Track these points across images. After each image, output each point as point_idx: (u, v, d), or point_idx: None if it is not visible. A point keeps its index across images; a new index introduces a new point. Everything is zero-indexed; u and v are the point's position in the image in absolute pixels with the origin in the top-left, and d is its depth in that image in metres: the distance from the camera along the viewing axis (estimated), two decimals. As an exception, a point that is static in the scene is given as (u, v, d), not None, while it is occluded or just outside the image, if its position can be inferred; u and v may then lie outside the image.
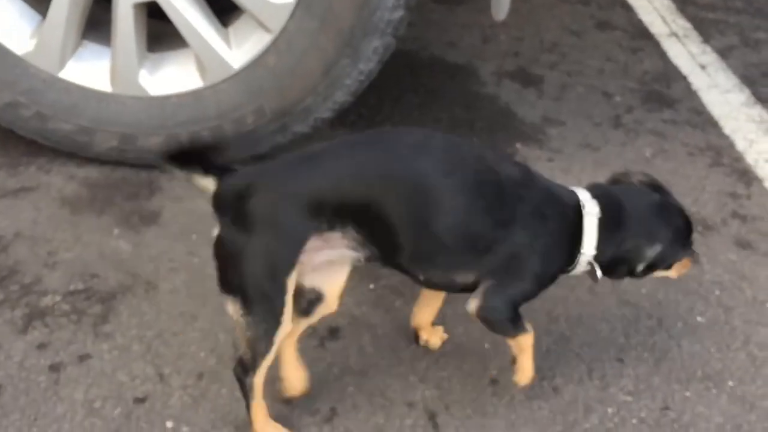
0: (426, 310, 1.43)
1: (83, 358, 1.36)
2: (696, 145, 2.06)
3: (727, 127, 2.13)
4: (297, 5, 1.64)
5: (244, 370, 1.19)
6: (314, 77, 1.71)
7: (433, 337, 1.45)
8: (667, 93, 2.28)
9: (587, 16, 2.71)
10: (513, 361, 1.31)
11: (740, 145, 2.06)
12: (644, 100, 2.24)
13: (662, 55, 2.47)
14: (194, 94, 1.75)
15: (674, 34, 2.58)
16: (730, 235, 1.74)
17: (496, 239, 1.19)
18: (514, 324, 1.26)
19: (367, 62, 1.71)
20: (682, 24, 2.65)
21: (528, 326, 1.27)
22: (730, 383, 1.41)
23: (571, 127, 2.14)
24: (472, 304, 1.24)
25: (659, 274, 1.35)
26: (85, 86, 1.75)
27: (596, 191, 1.29)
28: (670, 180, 1.91)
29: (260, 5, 1.65)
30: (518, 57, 2.46)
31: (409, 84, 2.28)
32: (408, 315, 1.51)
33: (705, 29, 2.61)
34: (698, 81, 2.33)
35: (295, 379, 1.29)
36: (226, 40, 1.72)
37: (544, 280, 1.26)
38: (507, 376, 1.41)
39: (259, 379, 1.19)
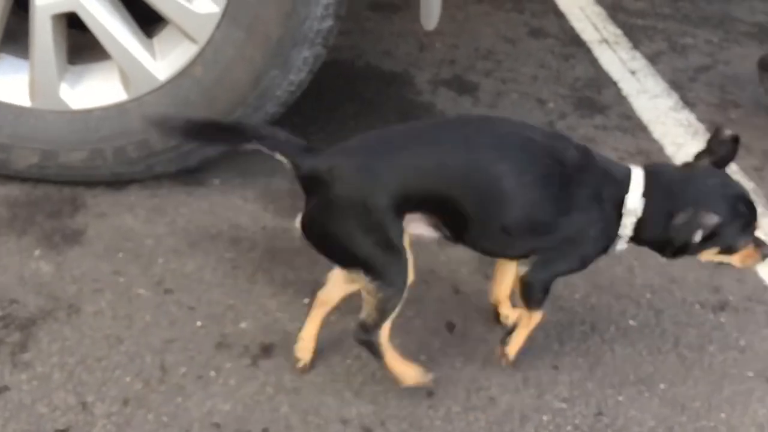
0: (503, 284, 1.48)
1: (0, 391, 1.29)
2: (626, 150, 2.09)
3: (657, 131, 2.17)
4: (223, 16, 1.60)
5: (366, 331, 1.29)
6: (243, 88, 1.68)
7: (513, 314, 1.48)
8: (598, 99, 2.32)
9: (521, 24, 2.74)
10: (510, 330, 1.42)
11: (669, 149, 2.10)
12: (576, 106, 2.27)
13: (593, 62, 2.51)
14: (118, 108, 1.69)
15: (605, 41, 2.63)
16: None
17: (557, 225, 1.26)
18: (543, 298, 1.36)
19: (298, 72, 1.68)
20: (612, 31, 2.70)
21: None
22: (662, 386, 1.43)
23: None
24: (521, 270, 1.33)
25: (722, 258, 1.34)
26: (1, 101, 1.68)
27: (651, 169, 1.32)
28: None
29: (185, 15, 1.61)
30: (454, 65, 2.47)
31: (345, 93, 2.26)
32: (344, 329, 1.49)
33: (635, 36, 2.67)
34: (628, 86, 2.38)
35: (311, 340, 1.40)
36: (151, 51, 1.67)
37: (590, 260, 1.34)
38: (444, 387, 1.40)
39: (385, 333, 1.30)
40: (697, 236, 1.25)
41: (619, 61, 2.52)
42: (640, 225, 1.28)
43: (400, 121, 2.17)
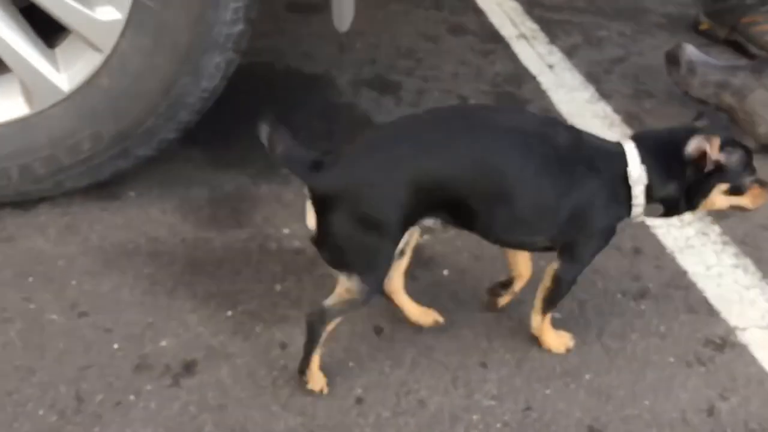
0: (522, 259, 1.51)
1: None
2: (547, 144, 2.12)
3: (575, 124, 2.20)
4: (127, 23, 1.54)
5: (321, 320, 1.32)
6: (153, 97, 1.62)
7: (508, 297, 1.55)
8: (518, 93, 2.34)
9: (441, 21, 2.74)
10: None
11: (588, 140, 2.14)
12: (497, 102, 2.29)
13: (512, 57, 2.53)
14: (21, 123, 1.62)
15: (523, 36, 2.66)
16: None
17: (561, 205, 1.32)
18: (564, 296, 1.44)
19: (210, 79, 1.64)
20: (530, 26, 2.74)
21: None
22: (587, 376, 1.45)
23: (429, 133, 2.15)
24: (551, 267, 1.40)
25: (733, 201, 1.37)
26: None
27: (638, 136, 1.39)
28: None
29: (87, 24, 1.55)
30: (375, 65, 2.45)
31: (265, 97, 2.22)
32: (269, 340, 1.46)
33: (551, 30, 2.71)
34: (547, 81, 2.41)
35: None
36: (53, 62, 1.60)
37: (609, 233, 1.38)
38: (373, 392, 1.38)
39: (330, 328, 1.34)
40: (709, 166, 1.31)
41: (537, 55, 2.55)
42: (650, 191, 1.34)
43: (323, 123, 2.14)
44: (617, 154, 1.35)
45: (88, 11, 1.54)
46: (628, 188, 1.33)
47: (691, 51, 2.21)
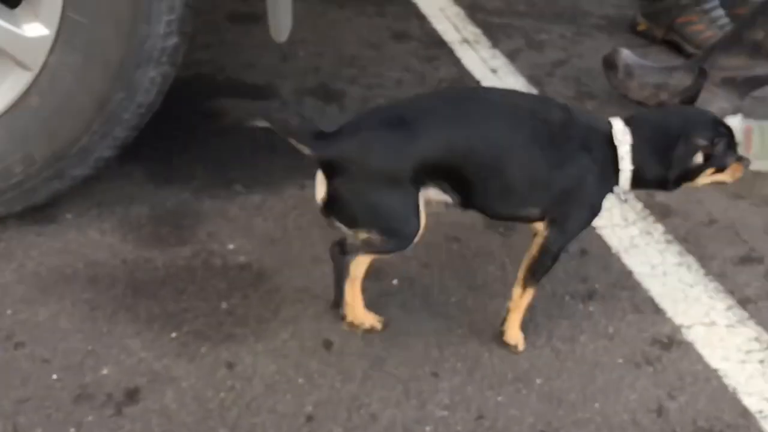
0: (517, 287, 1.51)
1: None
2: (493, 148, 2.12)
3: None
4: (56, 39, 1.49)
5: (343, 251, 1.42)
6: (87, 115, 1.57)
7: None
8: (463, 99, 2.35)
9: (384, 28, 2.74)
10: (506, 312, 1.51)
11: (532, 144, 2.15)
12: (442, 108, 2.29)
13: (456, 62, 2.54)
14: (-53, 146, 1.55)
15: (466, 41, 2.67)
16: (530, 233, 1.80)
17: (554, 178, 1.39)
18: (549, 268, 1.48)
19: (146, 94, 1.59)
20: (472, 30, 2.75)
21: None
22: (538, 381, 1.45)
23: (375, 141, 2.14)
24: (539, 237, 1.45)
25: (715, 178, 1.47)
26: None
27: (630, 116, 1.47)
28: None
29: (12, 40, 1.49)
30: (319, 73, 2.43)
31: (206, 110, 2.18)
32: (215, 360, 1.42)
33: (493, 34, 2.73)
34: (490, 84, 2.42)
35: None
36: (-22, 82, 1.54)
37: (598, 206, 1.45)
38: (324, 409, 1.36)
39: (362, 264, 1.44)
40: (698, 159, 1.41)
41: (481, 60, 2.56)
42: (637, 171, 1.42)
43: (267, 135, 2.10)
44: (606, 130, 1.43)
45: (14, 28, 1.49)
46: (617, 164, 1.42)
47: (626, 55, 2.25)
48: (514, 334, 1.50)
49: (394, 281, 1.66)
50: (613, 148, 1.42)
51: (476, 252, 1.75)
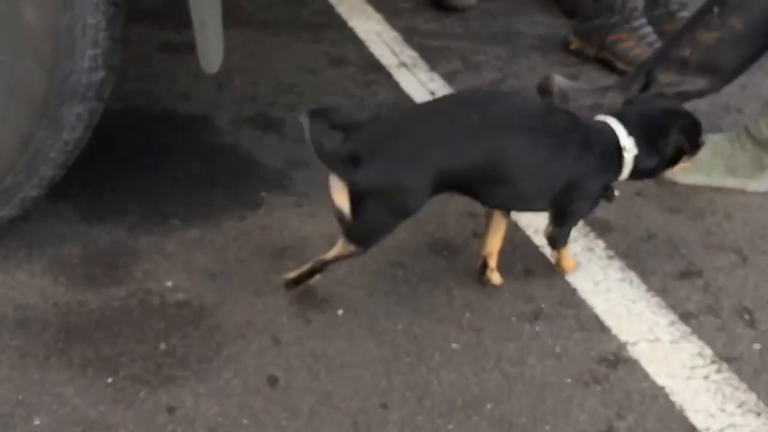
0: (496, 235, 1.68)
1: None
2: (434, 171, 2.12)
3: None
4: (-26, 77, 1.43)
5: (320, 269, 1.59)
6: (10, 154, 1.51)
7: (496, 275, 1.70)
8: (402, 122, 2.34)
9: (321, 54, 2.72)
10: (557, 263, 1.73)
11: (473, 165, 2.16)
12: (382, 132, 2.28)
13: (395, 86, 2.54)
14: None
15: (404, 64, 2.68)
16: (474, 255, 1.80)
17: (561, 178, 1.55)
18: (566, 242, 1.69)
19: (72, 131, 1.54)
20: (409, 54, 2.76)
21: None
22: (488, 406, 1.44)
23: (316, 168, 2.06)
24: (546, 230, 1.66)
25: (685, 163, 1.69)
26: None
27: (620, 114, 1.65)
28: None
29: (-74, 80, 1.42)
30: (256, 101, 2.40)
31: (140, 143, 2.12)
32: (155, 405, 1.36)
33: (431, 57, 2.74)
34: (430, 107, 2.42)
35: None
36: None
37: (597, 199, 1.63)
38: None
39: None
40: (685, 146, 1.63)
41: (419, 83, 2.57)
42: (637, 158, 1.60)
43: (204, 166, 2.06)
44: (604, 129, 1.60)
45: (-73, 66, 1.42)
46: (618, 159, 1.59)
47: (559, 80, 2.29)
48: (566, 264, 1.72)
49: (339, 311, 1.63)
50: (612, 144, 1.59)
51: (421, 277, 1.74)
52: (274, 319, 1.60)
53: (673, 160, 1.66)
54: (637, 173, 1.63)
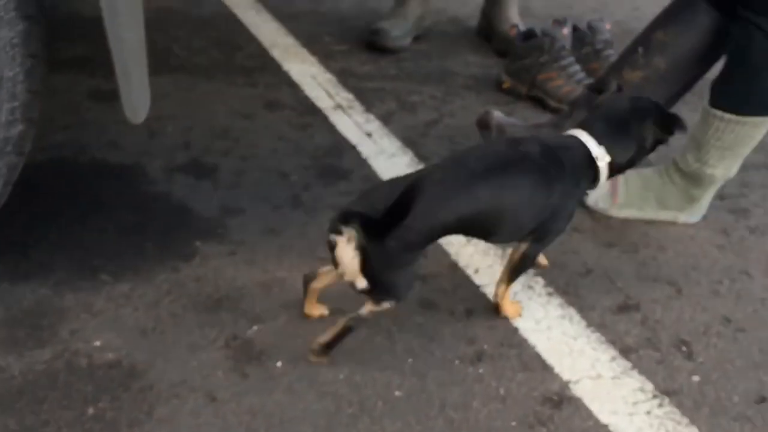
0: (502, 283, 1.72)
1: None
2: (373, 213, 2.10)
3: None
4: None
5: (357, 326, 1.55)
6: None
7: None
8: (339, 165, 2.33)
9: (256, 98, 2.70)
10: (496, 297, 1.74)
11: (412, 206, 2.15)
12: (319, 176, 2.26)
13: (331, 128, 2.53)
14: None
15: (339, 107, 2.67)
16: (414, 298, 1.78)
17: (547, 207, 1.58)
18: (528, 269, 1.75)
19: (-10, 187, 1.47)
20: (345, 96, 2.76)
21: None
22: (434, 455, 1.40)
23: (251, 215, 2.07)
24: (521, 247, 1.66)
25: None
26: None
27: (587, 124, 1.66)
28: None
29: None
30: (189, 148, 2.35)
31: (67, 195, 2.04)
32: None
33: (367, 98, 2.74)
34: (367, 149, 2.42)
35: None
36: None
37: (573, 213, 1.67)
38: None
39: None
40: (659, 135, 1.67)
41: (355, 124, 2.57)
42: (612, 163, 1.64)
43: (135, 217, 2.00)
44: (574, 145, 1.63)
45: None
46: (593, 170, 1.63)
47: (497, 115, 2.33)
48: (508, 309, 1.72)
49: (278, 363, 1.58)
50: (585, 158, 1.62)
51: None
52: (210, 375, 1.54)
53: (651, 149, 1.70)
54: (615, 171, 1.67)
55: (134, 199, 2.08)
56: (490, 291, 1.83)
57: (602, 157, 1.63)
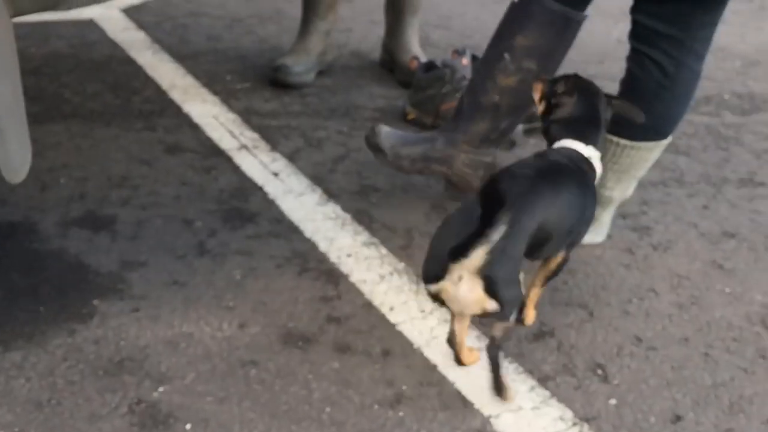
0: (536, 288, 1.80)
1: None
2: (282, 256, 2.04)
3: (308, 230, 2.16)
4: None
5: (498, 348, 1.56)
6: None
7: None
8: (246, 207, 2.25)
9: (155, 142, 2.60)
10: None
11: (322, 245, 2.10)
12: (225, 220, 2.18)
13: (236, 170, 2.46)
14: None
15: (244, 147, 2.61)
16: (329, 342, 1.73)
17: (583, 213, 1.66)
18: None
19: None
20: (249, 135, 2.69)
21: None
22: None
23: (154, 266, 1.97)
24: (559, 257, 1.72)
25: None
26: None
27: (572, 131, 1.74)
28: (264, 299, 1.85)
29: None
30: (85, 200, 2.23)
31: (-52, 259, 1.89)
32: None
33: (272, 137, 2.69)
34: (274, 189, 2.36)
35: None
36: None
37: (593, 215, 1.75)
38: None
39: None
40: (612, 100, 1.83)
41: (261, 164, 2.50)
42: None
43: (26, 277, 1.86)
44: (575, 155, 1.71)
45: None
46: (593, 170, 1.73)
47: (386, 133, 2.20)
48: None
49: (187, 426, 1.49)
50: (584, 162, 1.71)
51: (276, 374, 1.63)
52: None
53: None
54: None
55: (25, 259, 1.94)
56: (406, 329, 1.80)
57: (595, 155, 1.73)
